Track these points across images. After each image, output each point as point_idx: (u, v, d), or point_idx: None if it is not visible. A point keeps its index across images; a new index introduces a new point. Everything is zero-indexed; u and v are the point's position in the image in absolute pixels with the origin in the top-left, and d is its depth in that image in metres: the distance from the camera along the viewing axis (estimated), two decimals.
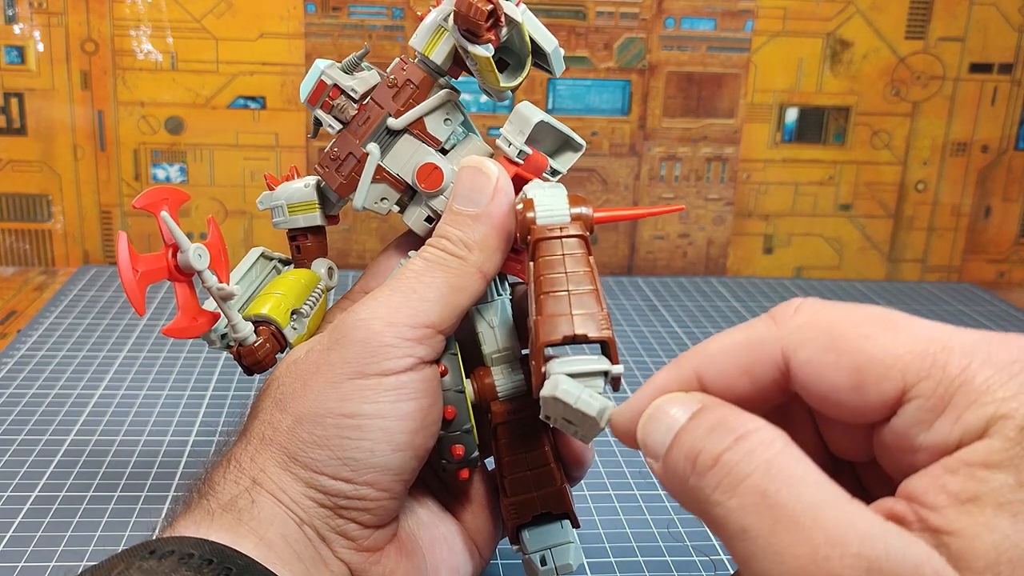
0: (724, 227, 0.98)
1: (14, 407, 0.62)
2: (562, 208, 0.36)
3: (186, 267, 0.38)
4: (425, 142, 0.41)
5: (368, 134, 0.41)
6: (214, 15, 0.88)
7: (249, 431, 0.37)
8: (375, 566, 0.37)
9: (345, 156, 0.41)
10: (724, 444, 0.26)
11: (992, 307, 0.92)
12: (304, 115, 0.91)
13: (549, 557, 0.41)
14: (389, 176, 0.41)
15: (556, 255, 0.35)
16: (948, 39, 0.95)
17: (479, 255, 0.38)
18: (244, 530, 0.34)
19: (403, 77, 0.40)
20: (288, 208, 0.44)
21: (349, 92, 0.41)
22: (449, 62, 0.40)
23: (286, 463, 0.36)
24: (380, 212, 0.42)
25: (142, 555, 0.32)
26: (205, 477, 0.37)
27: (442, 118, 0.41)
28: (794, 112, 0.96)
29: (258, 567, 0.33)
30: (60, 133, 0.89)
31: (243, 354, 0.40)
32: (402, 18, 0.89)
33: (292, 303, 0.41)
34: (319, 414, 0.36)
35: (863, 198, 0.99)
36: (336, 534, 0.36)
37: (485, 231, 0.38)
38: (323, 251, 0.45)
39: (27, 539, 0.48)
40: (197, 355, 0.72)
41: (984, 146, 0.99)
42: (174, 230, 0.38)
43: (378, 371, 0.36)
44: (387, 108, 0.40)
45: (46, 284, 0.88)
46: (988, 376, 0.24)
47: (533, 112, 0.39)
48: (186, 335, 0.39)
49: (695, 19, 0.92)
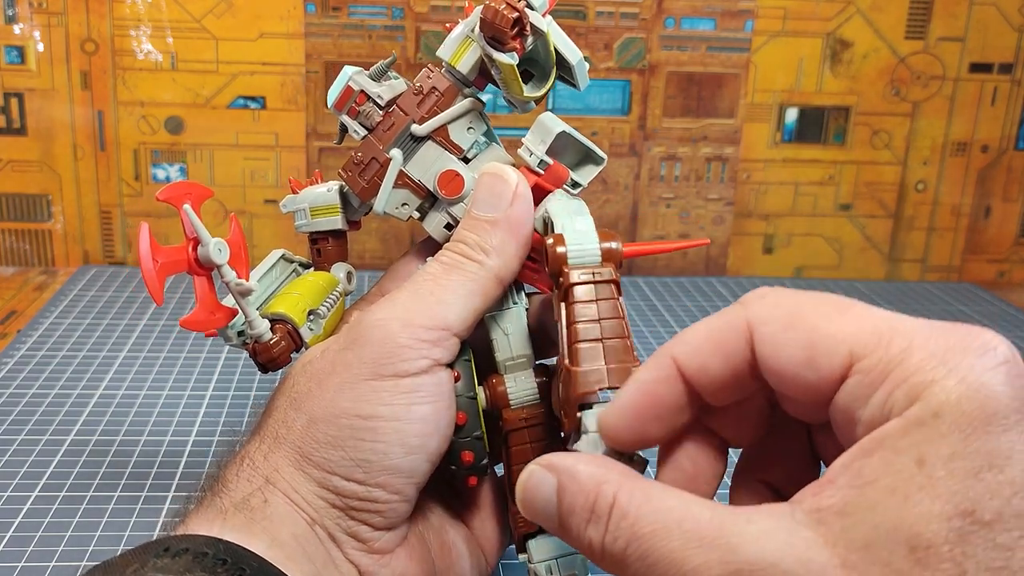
0: (724, 227, 0.98)
1: (14, 407, 0.62)
2: (593, 245, 0.36)
3: (206, 261, 0.38)
4: (448, 150, 0.41)
5: (392, 140, 0.41)
6: (214, 15, 0.88)
7: (263, 429, 0.37)
8: (384, 568, 0.37)
9: (368, 161, 0.41)
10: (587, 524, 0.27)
11: (992, 307, 0.92)
12: (304, 115, 0.91)
13: (555, 567, 0.40)
14: (411, 182, 0.41)
15: (590, 301, 0.34)
16: (948, 39, 0.95)
17: (496, 260, 0.38)
18: (257, 529, 0.34)
19: (429, 85, 0.41)
20: (311, 211, 0.44)
21: (375, 98, 0.41)
22: (475, 73, 0.41)
23: (299, 462, 0.36)
24: (401, 218, 0.42)
25: (156, 552, 0.32)
26: (219, 475, 0.37)
27: (465, 127, 0.41)
28: (794, 112, 0.96)
29: (272, 569, 0.33)
30: (60, 133, 0.89)
31: (258, 351, 0.40)
32: (402, 18, 0.89)
33: (309, 303, 0.41)
34: (333, 414, 0.36)
35: (863, 198, 0.99)
36: (347, 535, 0.36)
37: (503, 236, 0.38)
38: (343, 256, 0.45)
39: (27, 539, 0.48)
40: (197, 355, 0.72)
41: (984, 146, 0.99)
42: (196, 223, 0.38)
43: (394, 372, 0.36)
44: (411, 115, 0.41)
45: (46, 284, 0.88)
46: (922, 358, 0.24)
47: (555, 123, 0.39)
48: (203, 328, 0.39)
49: (695, 19, 0.92)
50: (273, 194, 0.92)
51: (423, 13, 0.89)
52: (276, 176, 0.92)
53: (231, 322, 0.40)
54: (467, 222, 0.39)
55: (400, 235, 0.95)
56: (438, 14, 0.89)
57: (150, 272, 0.36)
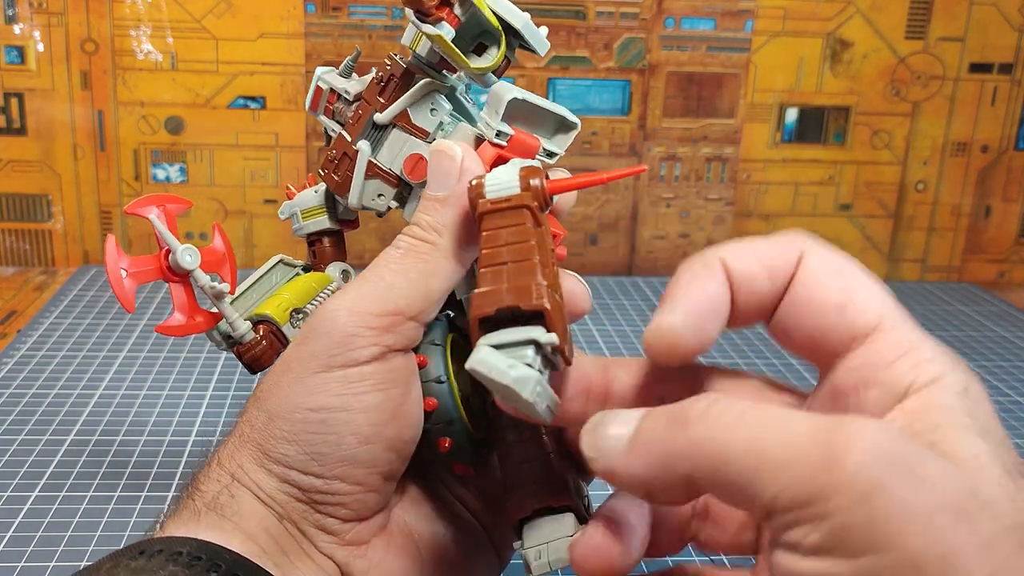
0: (724, 227, 0.98)
1: (14, 407, 0.62)
2: (512, 179, 0.34)
3: (176, 267, 0.39)
4: (412, 134, 0.41)
5: (359, 132, 0.41)
6: (214, 15, 0.88)
7: (233, 430, 0.38)
8: (360, 559, 0.37)
9: (340, 156, 0.41)
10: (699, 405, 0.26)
11: (992, 307, 0.92)
12: (304, 115, 0.91)
13: (544, 551, 0.40)
14: (381, 171, 0.41)
15: (499, 228, 0.33)
16: (948, 39, 0.95)
17: (448, 239, 0.37)
18: (228, 526, 0.34)
19: (387, 73, 0.41)
20: (301, 214, 0.45)
21: (343, 94, 0.41)
22: (436, 55, 0.40)
23: (260, 459, 0.36)
24: (379, 208, 0.42)
25: (131, 555, 0.32)
26: (192, 479, 0.37)
27: (427, 108, 0.41)
28: (794, 112, 0.96)
29: (247, 563, 0.33)
30: (60, 133, 0.89)
31: (242, 352, 0.41)
32: (402, 18, 0.89)
33: (295, 303, 0.42)
34: (287, 409, 0.36)
35: (863, 198, 0.99)
36: (316, 528, 0.36)
37: (453, 213, 0.37)
38: (339, 255, 0.46)
39: (27, 539, 0.48)
40: (197, 355, 0.72)
41: (984, 146, 0.99)
42: (162, 232, 0.39)
43: (343, 362, 0.35)
44: (373, 104, 0.41)
45: (46, 284, 0.88)
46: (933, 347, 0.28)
47: (507, 90, 0.38)
48: (179, 333, 0.40)
49: (695, 19, 0.92)
50: (273, 194, 0.92)
51: None
52: (276, 176, 0.92)
53: (216, 325, 0.42)
54: (420, 204, 0.38)
55: None
56: None
57: (117, 280, 0.38)
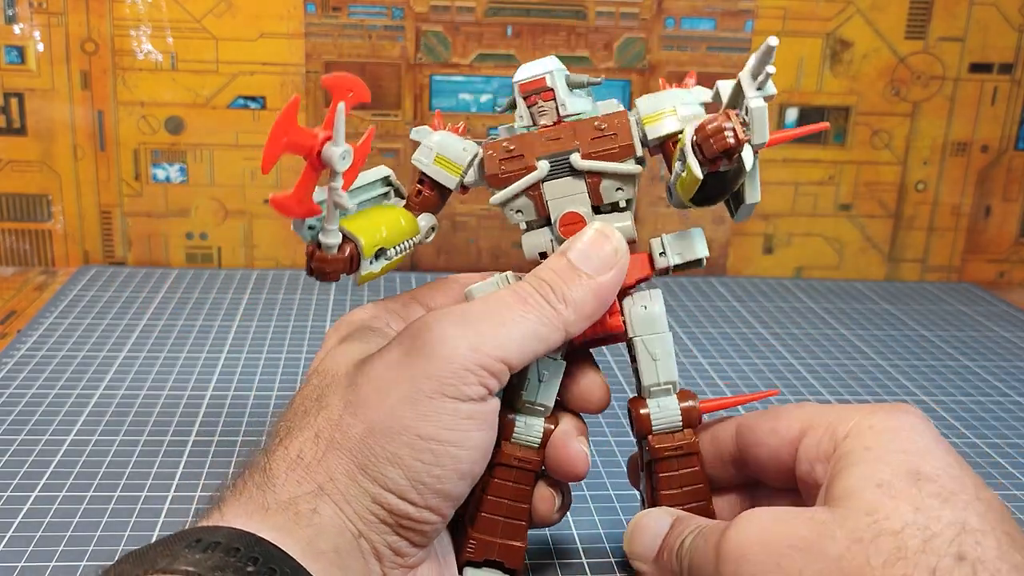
0: (724, 227, 0.98)
1: (14, 407, 0.62)
2: (673, 410, 0.42)
3: (327, 160, 0.37)
4: (589, 194, 0.41)
5: (548, 152, 0.41)
6: (214, 15, 0.88)
7: (315, 426, 0.37)
8: None
9: (517, 155, 0.41)
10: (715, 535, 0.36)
11: (992, 307, 0.92)
12: (304, 115, 0.91)
13: None
14: (540, 199, 0.41)
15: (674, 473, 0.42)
16: (948, 39, 0.95)
17: (571, 315, 0.38)
18: (298, 534, 0.34)
19: (614, 128, 0.40)
20: (436, 157, 0.43)
21: (559, 105, 0.41)
22: (657, 143, 0.41)
23: (355, 473, 0.35)
24: (508, 219, 0.42)
25: (188, 543, 0.31)
26: (266, 465, 0.36)
27: (616, 186, 0.41)
28: (794, 112, 0.96)
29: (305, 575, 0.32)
30: (60, 133, 0.89)
31: (316, 257, 0.40)
32: (402, 18, 0.89)
33: (385, 242, 0.41)
34: (394, 429, 0.35)
35: (863, 198, 0.99)
36: (390, 550, 0.36)
37: (586, 296, 0.38)
38: (436, 208, 0.45)
39: (27, 539, 0.48)
40: (197, 355, 0.72)
41: (984, 146, 0.99)
42: (339, 124, 0.37)
43: (456, 395, 0.35)
44: (581, 144, 0.40)
45: (46, 284, 0.88)
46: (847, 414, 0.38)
47: (701, 246, 0.42)
48: (284, 211, 0.37)
49: (695, 19, 0.92)
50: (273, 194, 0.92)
51: (423, 13, 0.89)
52: (276, 176, 0.92)
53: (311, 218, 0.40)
54: (559, 264, 0.38)
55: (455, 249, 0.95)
56: (438, 14, 0.89)
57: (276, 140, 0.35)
